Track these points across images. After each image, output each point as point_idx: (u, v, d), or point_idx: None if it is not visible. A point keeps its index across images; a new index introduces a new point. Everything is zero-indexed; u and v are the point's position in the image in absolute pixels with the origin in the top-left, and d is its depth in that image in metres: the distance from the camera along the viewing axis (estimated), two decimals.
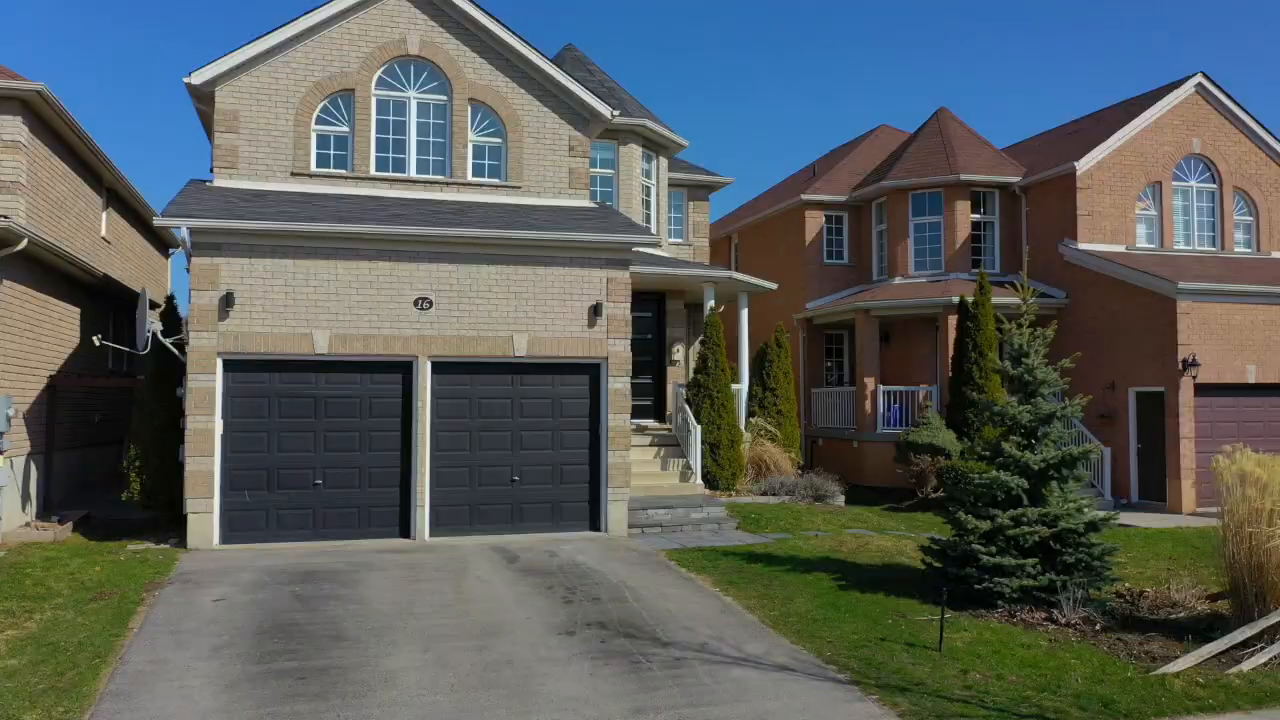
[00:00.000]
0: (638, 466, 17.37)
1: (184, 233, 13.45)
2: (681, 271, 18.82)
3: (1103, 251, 21.20)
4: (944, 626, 9.02)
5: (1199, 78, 22.37)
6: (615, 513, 14.69)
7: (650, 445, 18.19)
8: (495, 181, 16.07)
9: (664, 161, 21.90)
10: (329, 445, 13.73)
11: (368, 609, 9.84)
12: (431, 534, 13.99)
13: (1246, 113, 22.66)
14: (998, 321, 20.37)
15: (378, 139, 15.80)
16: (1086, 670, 8.25)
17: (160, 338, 13.64)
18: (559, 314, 14.63)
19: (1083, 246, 21.37)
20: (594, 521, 14.80)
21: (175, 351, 13.70)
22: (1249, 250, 22.86)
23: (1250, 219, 22.97)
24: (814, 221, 25.34)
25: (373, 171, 15.71)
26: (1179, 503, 18.74)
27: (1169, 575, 12.48)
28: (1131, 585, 11.50)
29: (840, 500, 17.62)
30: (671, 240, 22.91)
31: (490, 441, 14.41)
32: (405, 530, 13.96)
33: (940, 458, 19.04)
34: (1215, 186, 22.68)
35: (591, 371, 14.90)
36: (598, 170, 20.26)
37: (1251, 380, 19.39)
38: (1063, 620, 9.77)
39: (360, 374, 13.93)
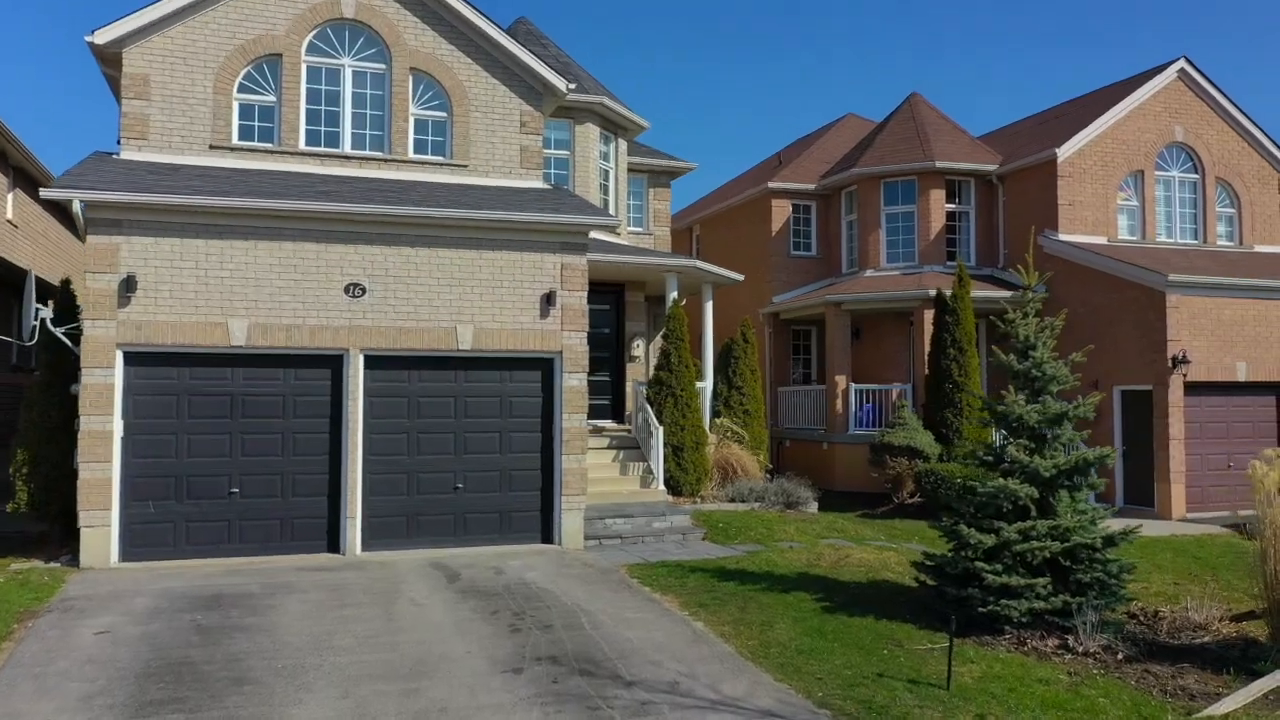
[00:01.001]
0: (595, 471, 16.11)
1: (78, 208, 11.93)
2: (642, 260, 17.59)
3: (1085, 243, 20.32)
4: (952, 660, 7.86)
5: (1181, 62, 21.62)
6: (570, 523, 13.42)
7: (608, 448, 16.94)
8: (439, 159, 14.70)
9: (623, 144, 20.66)
10: (247, 449, 12.30)
11: (279, 642, 8.46)
12: (364, 548, 12.61)
13: (1229, 100, 21.96)
14: (980, 316, 19.42)
15: (308, 110, 14.36)
16: (1120, 713, 7.14)
17: (50, 326, 12.09)
18: (508, 303, 13.32)
19: (1064, 238, 20.48)
20: (546, 533, 13.51)
21: (68, 343, 12.16)
22: (1231, 244, 22.15)
23: (1232, 211, 22.27)
24: (780, 211, 24.25)
25: (302, 146, 14.26)
26: (1169, 507, 17.88)
27: (1176, 590, 11.51)
28: (1143, 604, 10.47)
29: (813, 507, 16.51)
30: (631, 229, 21.69)
31: (431, 444, 13.07)
32: (334, 544, 12.56)
33: (918, 460, 18.01)
34: (1197, 177, 21.94)
35: (544, 367, 13.61)
36: (552, 151, 18.96)
37: (1242, 378, 18.61)
38: (1079, 649, 8.66)
39: (283, 369, 12.50)
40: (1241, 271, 19.48)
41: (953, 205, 22.48)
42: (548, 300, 13.42)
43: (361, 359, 12.70)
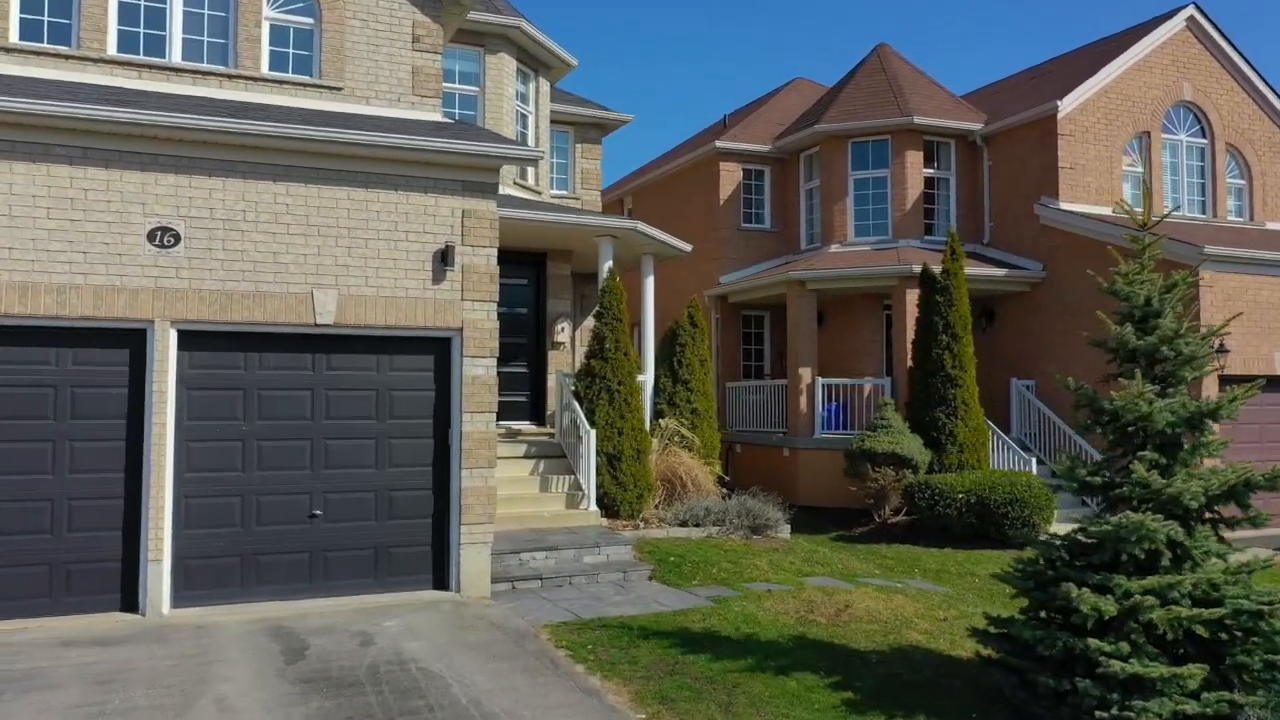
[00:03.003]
0: (508, 487, 12.79)
1: None
2: (569, 220, 14.29)
3: (1089, 213, 17.64)
4: None
5: (1191, 9, 19.16)
6: (472, 562, 10.06)
7: (526, 457, 13.61)
8: (304, 79, 11.12)
9: (545, 86, 17.33)
10: None
11: None
12: (174, 604, 9.08)
13: (1241, 56, 19.58)
14: (974, 299, 16.55)
15: (122, 4, 10.70)
16: None
17: None
18: (388, 262, 9.91)
19: (1065, 206, 17.77)
20: (439, 576, 10.13)
21: None
22: (1241, 219, 19.78)
23: (1243, 183, 19.89)
24: (729, 177, 21.15)
25: (112, 52, 10.55)
26: None
27: None
28: None
29: (785, 532, 13.40)
30: (554, 193, 18.38)
31: (277, 456, 9.59)
32: (130, 600, 9.00)
33: (906, 471, 15.05)
34: (1206, 142, 19.50)
35: (437, 350, 10.24)
36: (457, 86, 15.54)
37: None
38: None
39: (54, 348, 8.89)
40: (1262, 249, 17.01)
41: (930, 170, 19.65)
42: (443, 258, 10.05)
43: (174, 335, 9.16)
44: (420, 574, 10.08)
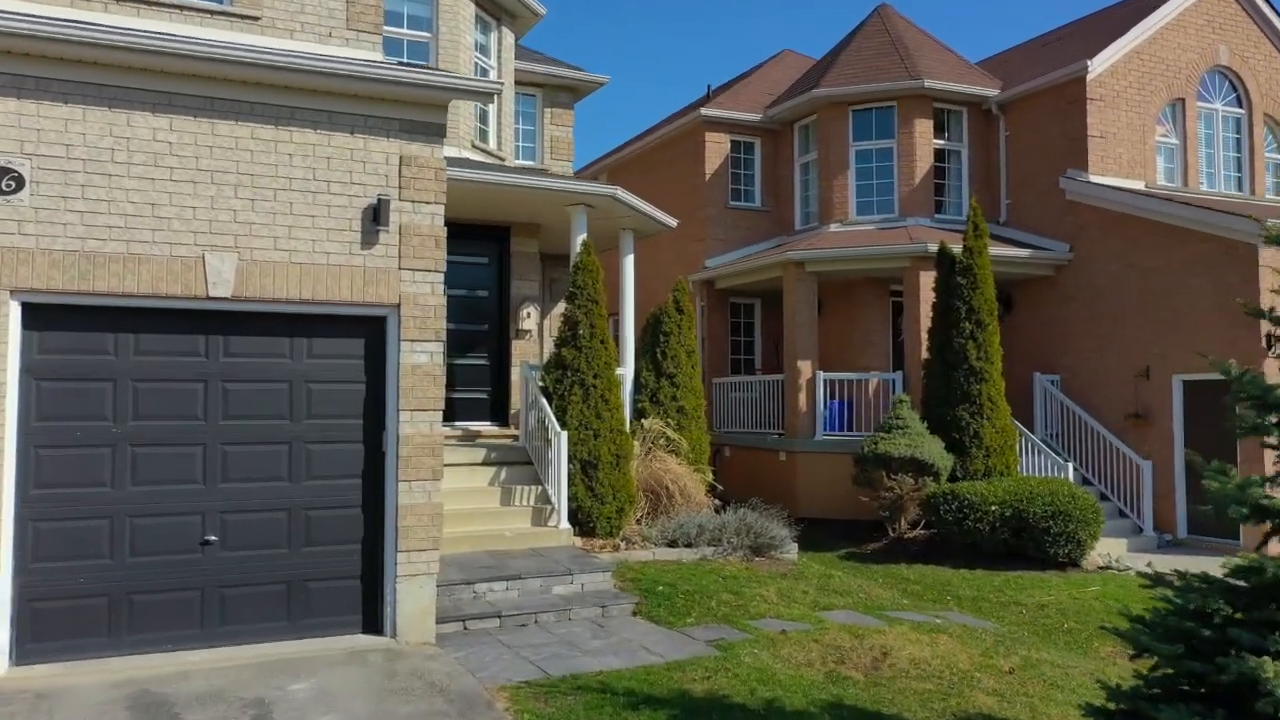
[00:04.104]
0: (463, 501, 10.83)
1: None
2: (537, 184, 12.31)
3: (1124, 187, 15.88)
4: None
5: None
6: (412, 599, 8.07)
7: (485, 464, 11.63)
8: (212, 5, 9.01)
9: (510, 39, 15.34)
10: None
11: None
12: (17, 661, 7.03)
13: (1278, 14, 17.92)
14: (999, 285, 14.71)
15: None
16: None
17: None
18: (304, 219, 7.89)
19: (1096, 179, 15.99)
20: (371, 616, 8.13)
21: None
22: (1278, 198, 18.11)
23: None
24: (716, 149, 19.23)
25: None
26: (1257, 540, 13.50)
27: None
28: None
29: (792, 551, 11.49)
30: (520, 162, 16.39)
31: (157, 466, 7.55)
32: None
33: (926, 478, 13.19)
34: (1243, 113, 17.82)
35: (369, 332, 8.23)
36: (405, 31, 13.53)
37: None
38: None
39: None
40: None
41: (940, 141, 17.83)
42: (375, 216, 8.05)
43: (15, 310, 7.10)
44: (346, 615, 8.07)
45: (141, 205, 7.38)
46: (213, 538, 7.64)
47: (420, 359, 8.23)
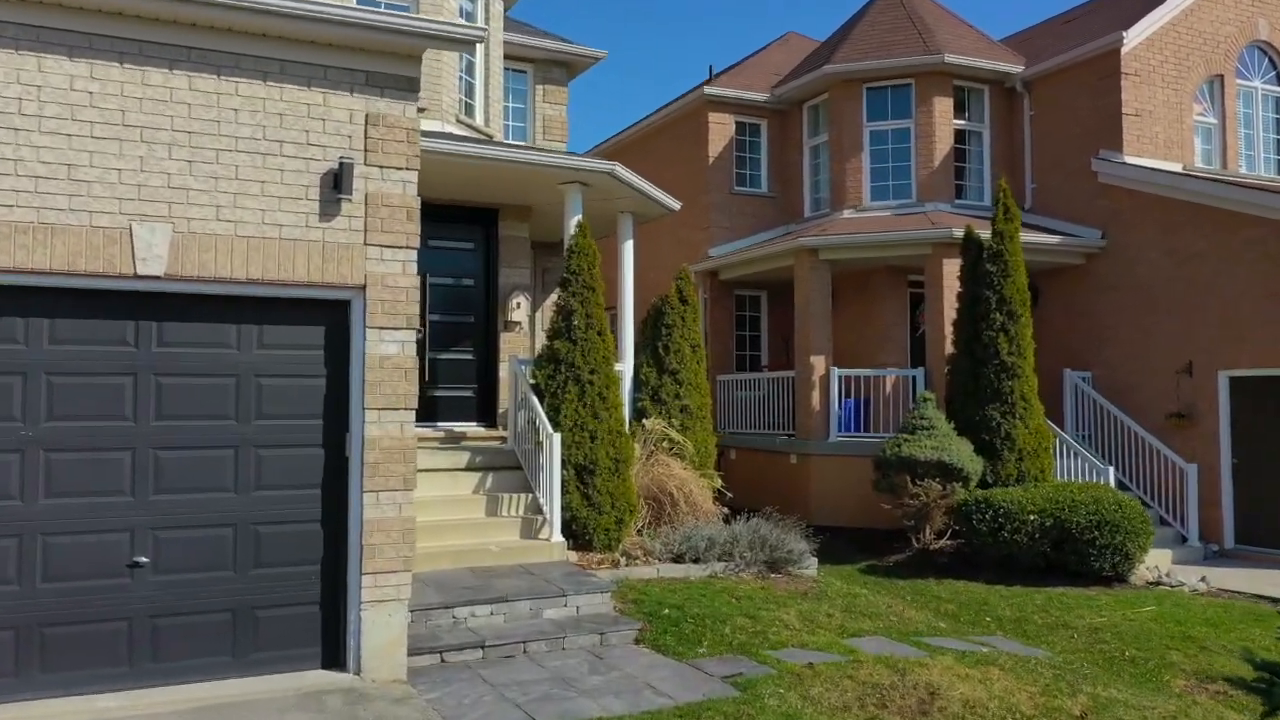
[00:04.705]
0: (446, 510, 9.77)
1: None
2: (527, 159, 11.22)
3: (1162, 169, 14.82)
4: None
5: None
6: (380, 629, 6.97)
7: (469, 469, 10.54)
8: None
9: (499, 6, 14.25)
10: None
11: None
12: None
13: None
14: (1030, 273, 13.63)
15: None
16: None
17: None
18: (251, 184, 6.79)
19: (1131, 160, 14.93)
20: (331, 649, 7.03)
21: None
22: None
23: None
24: (720, 130, 18.15)
25: None
26: None
27: None
28: None
29: (811, 566, 10.41)
30: (511, 142, 15.29)
31: (77, 474, 6.44)
32: None
33: (954, 484, 12.11)
34: None
35: (330, 317, 7.14)
36: None
37: None
38: None
39: None
40: None
41: (960, 122, 16.76)
42: (336, 183, 6.95)
43: None
44: (302, 648, 6.97)
45: (55, 166, 6.27)
46: (143, 559, 6.53)
47: (390, 349, 7.13)
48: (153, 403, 6.64)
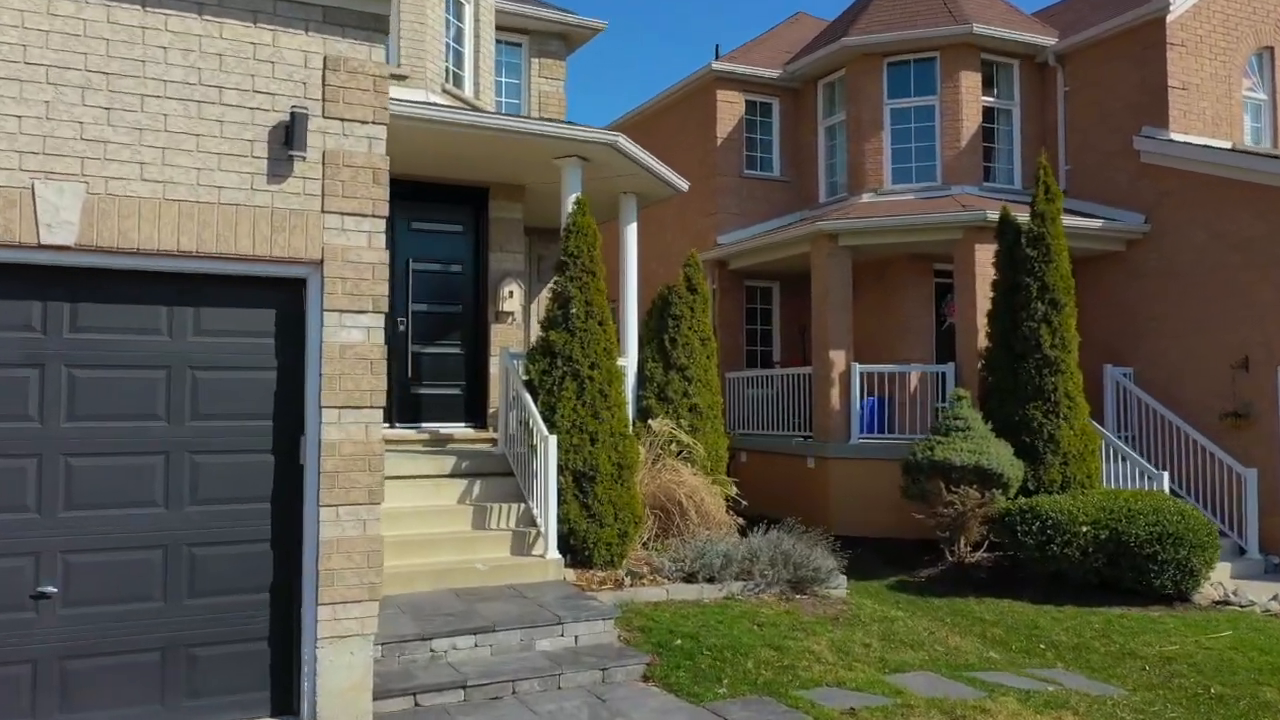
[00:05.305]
0: (427, 522, 8.73)
1: None
2: (520, 127, 10.14)
3: (1214, 146, 13.75)
4: None
5: None
6: (340, 671, 5.89)
7: (454, 475, 9.47)
8: None
9: None
10: None
11: None
12: None
13: None
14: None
15: None
16: None
17: None
18: (184, 137, 5.71)
19: (1177, 137, 13.86)
20: (281, 693, 5.96)
21: None
22: None
23: None
24: (729, 109, 17.06)
25: None
26: None
27: None
28: None
29: (840, 586, 9.32)
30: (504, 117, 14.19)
31: None
32: None
33: (994, 491, 11.04)
34: None
35: (282, 298, 6.06)
36: None
37: None
38: None
39: None
40: None
41: (989, 99, 15.68)
42: (287, 137, 5.87)
43: None
44: (246, 691, 5.89)
45: None
46: (50, 589, 5.45)
47: (353, 336, 6.05)
48: (64, 399, 5.56)
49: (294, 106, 5.89)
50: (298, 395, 6.05)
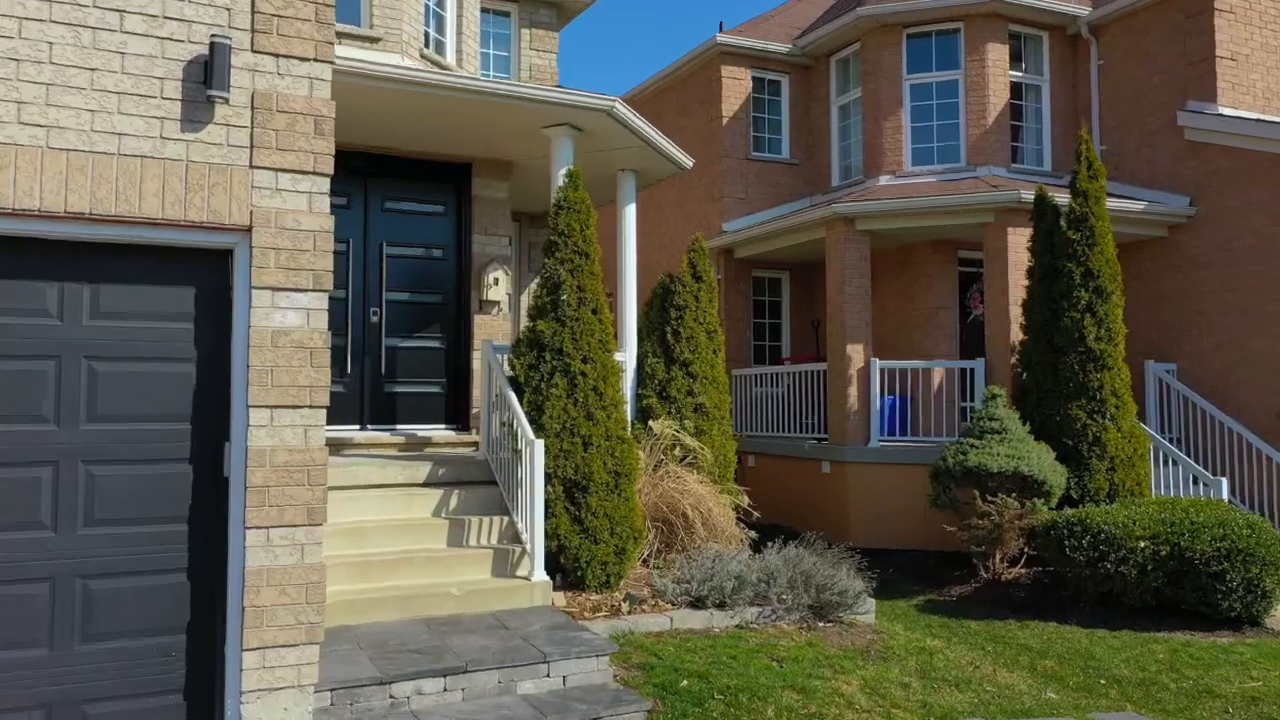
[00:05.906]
0: (395, 538, 7.66)
1: None
2: (504, 90, 9.03)
3: (1266, 121, 12.69)
4: None
5: None
6: None
7: (429, 485, 8.38)
8: None
9: None
10: None
11: None
12: None
13: None
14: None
15: None
16: None
17: None
18: (79, 73, 4.65)
19: (1226, 112, 12.80)
20: None
21: None
22: None
23: None
24: (735, 87, 15.97)
25: None
26: None
27: None
28: None
29: (868, 611, 8.23)
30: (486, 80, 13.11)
31: None
32: None
33: (1034, 500, 9.96)
34: None
35: (203, 273, 5.00)
36: None
37: None
38: None
39: None
40: None
41: (1017, 74, 14.61)
42: (206, 75, 4.81)
43: None
44: None
45: None
46: None
47: (289, 320, 4.99)
48: None
49: (214, 36, 4.83)
50: (222, 392, 4.99)
